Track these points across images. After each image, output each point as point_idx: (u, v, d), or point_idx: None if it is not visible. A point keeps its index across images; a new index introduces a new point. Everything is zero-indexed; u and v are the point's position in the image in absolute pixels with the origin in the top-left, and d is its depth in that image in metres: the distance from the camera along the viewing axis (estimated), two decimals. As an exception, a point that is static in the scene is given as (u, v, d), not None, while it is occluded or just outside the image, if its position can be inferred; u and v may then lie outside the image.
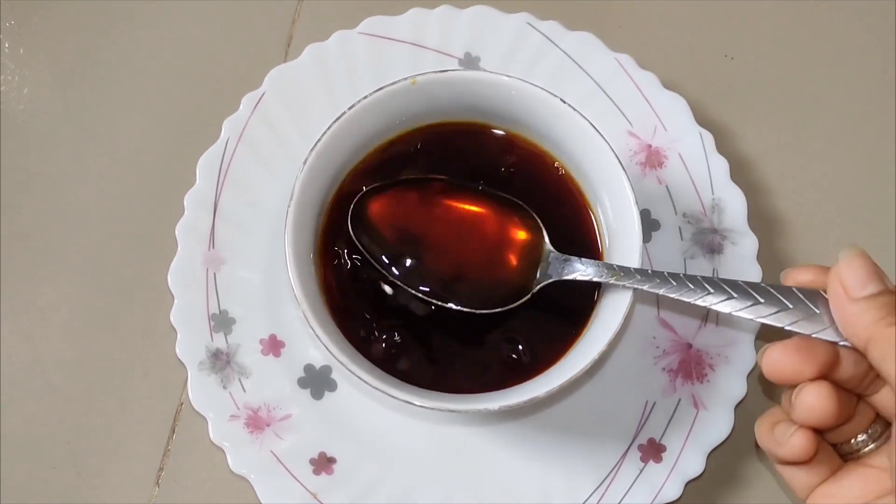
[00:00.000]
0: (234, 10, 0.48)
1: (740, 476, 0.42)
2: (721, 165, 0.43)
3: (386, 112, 0.39)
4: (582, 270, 0.37)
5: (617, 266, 0.37)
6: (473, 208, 0.39)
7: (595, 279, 0.37)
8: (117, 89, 0.47)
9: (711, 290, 0.34)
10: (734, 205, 0.43)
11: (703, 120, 0.45)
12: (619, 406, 0.42)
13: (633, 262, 0.37)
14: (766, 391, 0.43)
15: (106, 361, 0.43)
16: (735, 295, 0.33)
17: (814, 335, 0.32)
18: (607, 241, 0.39)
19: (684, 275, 0.35)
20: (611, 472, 0.41)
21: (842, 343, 0.32)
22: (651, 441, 0.41)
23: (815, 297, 0.32)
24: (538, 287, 0.38)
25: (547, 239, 0.39)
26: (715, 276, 0.42)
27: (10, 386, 0.43)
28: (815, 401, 0.31)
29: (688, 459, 0.40)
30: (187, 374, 0.41)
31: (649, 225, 0.43)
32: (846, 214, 0.46)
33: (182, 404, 0.42)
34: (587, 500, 0.40)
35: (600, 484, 0.40)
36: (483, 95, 0.39)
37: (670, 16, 0.48)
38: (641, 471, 0.41)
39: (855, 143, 0.47)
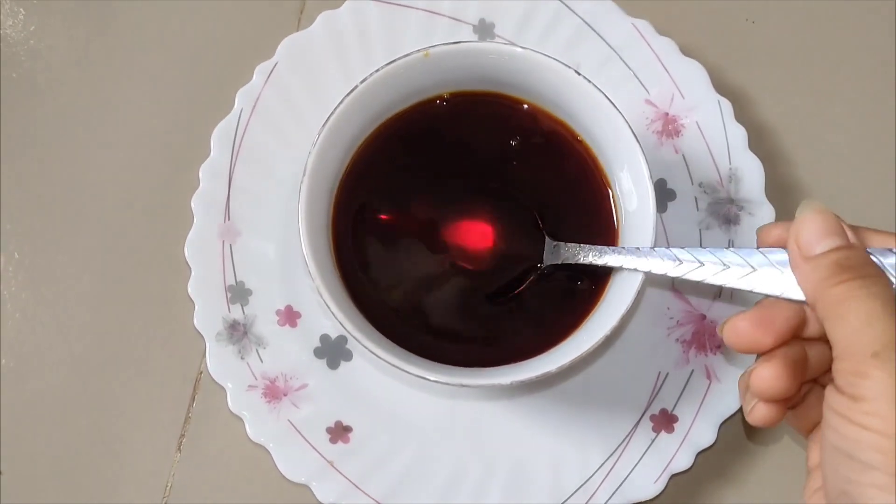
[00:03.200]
0: (246, -24, 0.47)
1: (751, 447, 0.42)
2: (739, 134, 0.43)
3: (398, 84, 0.39)
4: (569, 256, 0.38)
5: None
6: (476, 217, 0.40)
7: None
8: (131, 62, 0.47)
9: (680, 260, 0.34)
10: (751, 174, 0.42)
11: (721, 86, 0.44)
12: (632, 377, 0.42)
13: (647, 239, 0.37)
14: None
15: (127, 331, 0.44)
16: (702, 263, 0.34)
17: (781, 296, 0.32)
18: (623, 217, 0.39)
19: (650, 248, 0.36)
20: (623, 441, 0.41)
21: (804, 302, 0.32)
22: (663, 411, 0.41)
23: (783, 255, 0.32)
24: (539, 272, 0.39)
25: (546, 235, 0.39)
26: (730, 246, 0.43)
27: (34, 355, 0.44)
28: (764, 381, 0.32)
29: (699, 430, 0.41)
30: (205, 344, 0.41)
31: (665, 195, 0.43)
32: (867, 183, 0.45)
33: (201, 373, 0.43)
34: (599, 468, 0.41)
35: (612, 453, 0.41)
36: (496, 67, 0.39)
37: (690, -22, 0.47)
38: (653, 441, 0.41)
39: (877, 111, 0.46)
